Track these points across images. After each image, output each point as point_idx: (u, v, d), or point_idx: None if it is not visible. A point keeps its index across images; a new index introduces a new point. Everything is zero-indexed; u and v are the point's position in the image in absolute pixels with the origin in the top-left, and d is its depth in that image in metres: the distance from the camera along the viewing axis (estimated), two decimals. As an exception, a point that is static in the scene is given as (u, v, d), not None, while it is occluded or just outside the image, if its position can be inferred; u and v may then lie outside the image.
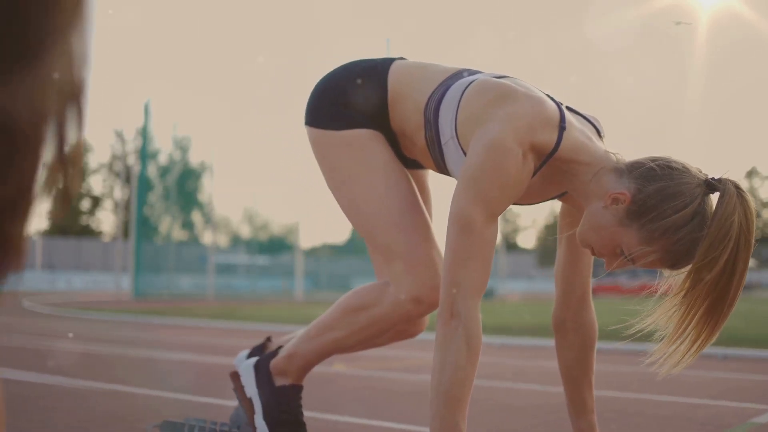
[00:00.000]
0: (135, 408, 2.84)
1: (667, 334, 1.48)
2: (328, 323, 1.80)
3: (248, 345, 5.29)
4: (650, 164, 1.47)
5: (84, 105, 0.51)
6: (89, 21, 0.48)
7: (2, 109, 0.46)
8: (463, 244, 1.46)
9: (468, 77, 1.61)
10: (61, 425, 2.43)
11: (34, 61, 0.43)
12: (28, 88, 0.45)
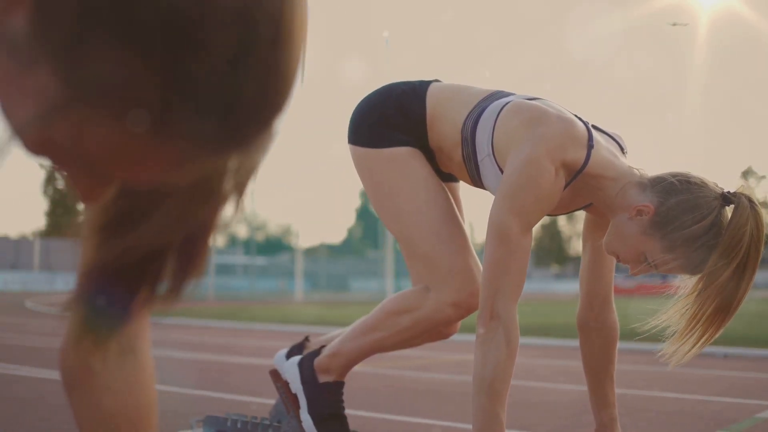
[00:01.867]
0: (165, 405, 2.98)
1: (678, 330, 1.64)
2: (371, 324, 1.95)
3: (258, 345, 5.38)
4: (671, 179, 1.63)
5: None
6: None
7: (221, 170, 0.60)
8: (502, 253, 1.61)
9: (502, 99, 1.76)
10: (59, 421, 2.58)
11: (267, 130, 0.57)
12: (249, 153, 0.59)
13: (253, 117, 0.54)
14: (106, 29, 0.50)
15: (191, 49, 0.50)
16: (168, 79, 0.51)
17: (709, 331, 1.62)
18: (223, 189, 0.61)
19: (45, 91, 0.53)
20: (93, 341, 0.76)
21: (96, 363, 0.85)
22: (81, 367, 0.86)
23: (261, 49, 0.52)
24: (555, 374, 4.30)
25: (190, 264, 0.67)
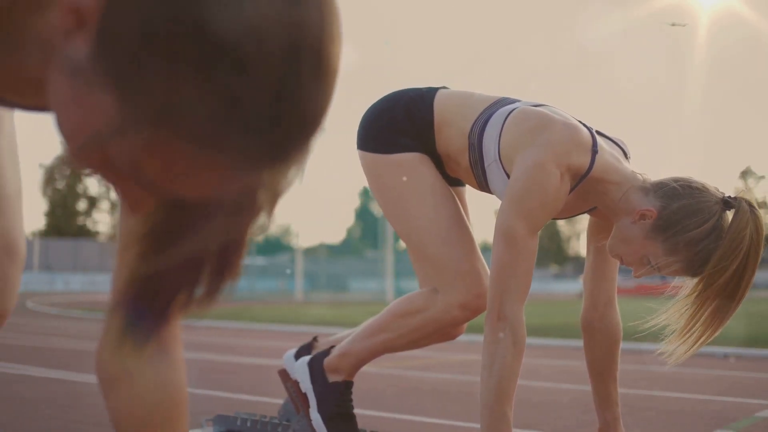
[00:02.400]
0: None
1: (677, 329, 1.69)
2: (380, 325, 1.99)
3: (261, 344, 5.42)
4: (673, 184, 1.67)
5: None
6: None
7: (253, 186, 0.65)
8: (509, 255, 1.65)
9: (509, 106, 1.80)
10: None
11: (306, 147, 0.61)
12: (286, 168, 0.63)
13: (294, 136, 0.59)
14: (164, 56, 0.55)
15: (242, 76, 0.55)
16: (220, 102, 0.55)
17: (708, 332, 1.67)
18: (259, 201, 0.66)
19: (105, 112, 0.58)
20: (133, 344, 0.80)
21: (131, 364, 0.90)
22: (117, 369, 0.90)
23: (303, 76, 0.57)
24: (556, 374, 4.35)
25: (226, 269, 0.72)
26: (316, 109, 0.59)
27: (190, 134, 0.57)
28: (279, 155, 0.59)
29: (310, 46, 0.58)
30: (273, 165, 0.60)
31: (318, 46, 0.58)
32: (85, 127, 0.59)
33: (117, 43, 0.57)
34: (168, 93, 0.56)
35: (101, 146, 0.59)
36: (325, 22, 0.59)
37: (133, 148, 0.58)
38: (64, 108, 0.61)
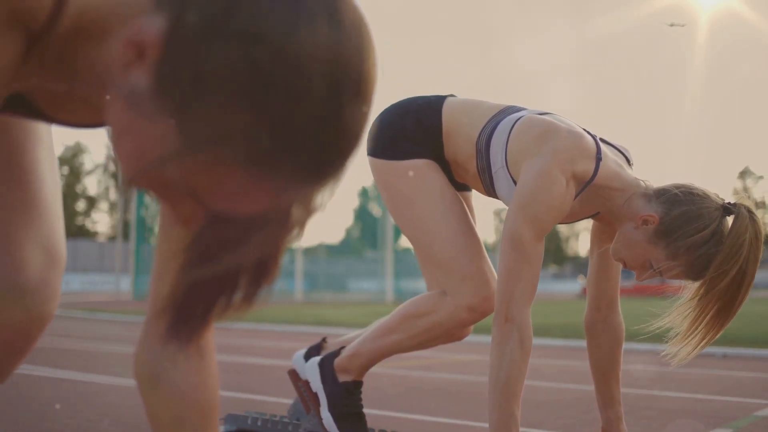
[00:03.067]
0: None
1: (681, 332, 1.76)
2: (390, 327, 2.05)
3: (264, 345, 5.48)
4: (675, 190, 1.73)
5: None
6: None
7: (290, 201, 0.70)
8: (516, 259, 1.71)
9: (515, 114, 1.86)
10: (121, 420, 2.68)
11: (345, 166, 0.67)
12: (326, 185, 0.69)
13: (337, 156, 0.65)
14: (220, 87, 0.61)
15: (291, 103, 0.61)
16: (271, 128, 0.61)
17: (710, 333, 1.74)
18: (297, 214, 0.72)
19: (165, 139, 0.64)
20: (177, 346, 0.86)
21: (168, 365, 0.95)
22: (156, 370, 0.96)
23: (345, 101, 0.63)
24: (557, 374, 4.41)
25: (263, 276, 0.78)
26: (356, 130, 0.65)
27: (243, 157, 0.63)
28: (323, 174, 0.65)
29: (350, 73, 0.64)
30: (317, 182, 0.66)
31: (357, 73, 0.64)
32: (146, 153, 0.65)
33: (176, 75, 0.63)
34: (223, 120, 0.62)
35: (160, 170, 0.65)
36: (363, 51, 0.65)
37: (189, 170, 0.64)
38: (125, 135, 0.67)
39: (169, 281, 0.87)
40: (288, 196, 0.66)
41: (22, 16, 0.68)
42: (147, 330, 0.96)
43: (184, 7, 0.63)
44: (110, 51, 0.71)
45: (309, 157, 0.63)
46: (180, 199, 0.69)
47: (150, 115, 0.64)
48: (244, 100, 0.61)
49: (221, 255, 0.73)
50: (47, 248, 1.08)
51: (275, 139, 0.62)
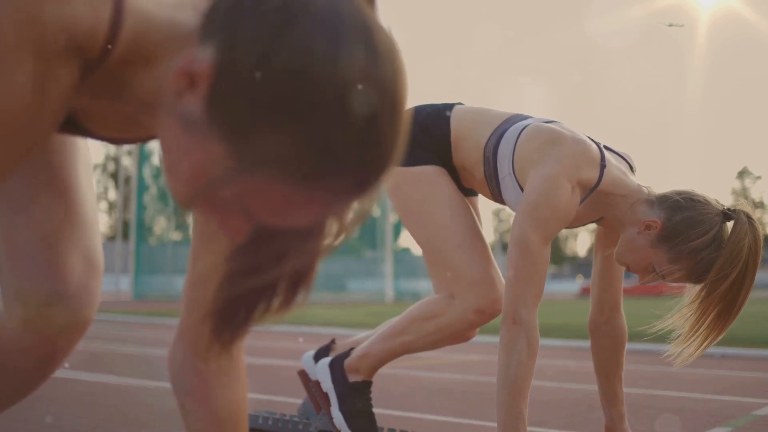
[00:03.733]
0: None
1: (682, 334, 1.82)
2: (400, 328, 2.11)
3: (267, 345, 5.55)
4: (676, 197, 1.80)
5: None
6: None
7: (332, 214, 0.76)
8: (524, 263, 1.77)
9: (522, 122, 1.92)
10: (120, 422, 2.73)
11: (383, 179, 0.73)
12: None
13: (375, 173, 0.71)
14: (269, 112, 0.67)
15: (334, 126, 0.67)
16: (316, 149, 0.67)
17: (712, 335, 1.80)
18: (336, 226, 0.78)
19: (218, 161, 0.70)
20: (219, 349, 0.92)
21: (201, 366, 1.01)
22: (188, 371, 1.02)
23: (382, 122, 0.69)
24: (559, 374, 4.46)
25: (301, 283, 0.84)
26: (392, 148, 0.72)
27: (291, 176, 0.69)
28: (362, 189, 0.71)
29: (386, 96, 0.70)
30: (357, 196, 0.72)
31: (393, 96, 0.70)
32: (202, 175, 0.71)
33: (227, 102, 0.69)
34: (272, 143, 0.68)
35: (213, 190, 0.71)
36: (396, 75, 0.71)
37: (241, 189, 0.70)
38: (179, 159, 0.73)
39: (205, 290, 0.93)
40: (330, 209, 0.72)
41: (79, 48, 0.73)
42: (181, 333, 1.02)
43: (233, 40, 0.69)
44: (158, 78, 0.77)
45: (350, 174, 0.69)
46: (229, 215, 0.75)
47: (203, 139, 0.70)
48: (290, 123, 0.67)
49: (265, 265, 0.79)
50: (87, 257, 1.14)
51: (320, 158, 0.68)
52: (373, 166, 0.71)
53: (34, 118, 0.73)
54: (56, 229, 1.11)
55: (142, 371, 4.30)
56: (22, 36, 0.70)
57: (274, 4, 0.69)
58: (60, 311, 1.11)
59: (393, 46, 0.73)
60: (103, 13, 0.73)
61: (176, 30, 0.77)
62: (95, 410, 2.90)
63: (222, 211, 0.74)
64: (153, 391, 3.47)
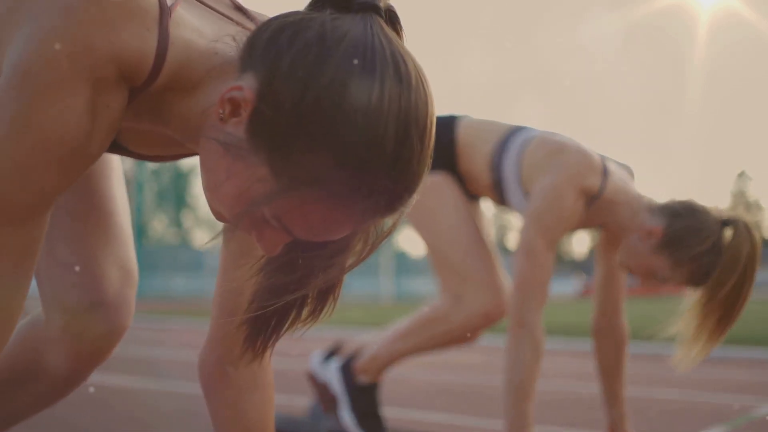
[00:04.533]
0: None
1: (686, 338, 1.88)
2: (408, 331, 2.17)
3: (279, 346, 5.57)
4: (677, 206, 1.87)
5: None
6: None
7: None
8: (529, 268, 1.84)
9: (527, 133, 1.99)
10: (121, 423, 2.79)
11: (412, 197, 0.79)
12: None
13: (406, 192, 0.77)
14: (308, 137, 0.73)
15: (369, 149, 0.73)
16: (352, 170, 0.73)
17: (714, 338, 1.86)
18: (365, 241, 0.84)
19: (260, 182, 0.76)
20: (251, 356, 0.98)
21: (231, 371, 1.07)
22: (218, 373, 1.07)
23: (413, 144, 0.75)
24: (561, 374, 4.52)
25: (329, 294, 0.90)
26: (421, 170, 0.78)
27: (328, 196, 0.74)
28: (392, 208, 0.77)
29: (415, 122, 0.76)
30: (387, 214, 0.78)
31: (422, 121, 0.76)
32: (245, 194, 0.77)
33: (268, 127, 0.75)
34: (310, 165, 0.74)
35: (255, 209, 0.77)
36: (424, 101, 0.77)
37: (281, 207, 0.76)
38: (222, 179, 0.79)
39: (236, 300, 0.99)
40: (361, 226, 0.78)
41: (127, 77, 0.79)
42: (211, 340, 1.08)
43: (274, 70, 0.75)
44: (199, 103, 0.83)
45: (382, 194, 0.75)
46: (267, 231, 0.81)
47: (246, 161, 0.76)
48: (328, 147, 0.73)
49: (296, 278, 0.85)
50: (123, 267, 1.20)
51: (355, 179, 0.74)
52: (403, 187, 0.77)
53: (87, 142, 0.79)
54: (94, 240, 1.17)
55: (143, 372, 4.34)
56: (77, 66, 0.75)
57: (311, 37, 0.75)
58: (98, 319, 1.17)
59: (421, 73, 0.79)
60: (150, 44, 0.79)
61: (216, 59, 0.83)
62: (97, 411, 2.95)
63: (260, 227, 0.80)
64: (154, 393, 3.52)
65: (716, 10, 49.20)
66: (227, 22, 0.90)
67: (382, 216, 0.78)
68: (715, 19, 55.27)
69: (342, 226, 0.78)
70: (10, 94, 0.75)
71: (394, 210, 0.78)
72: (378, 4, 0.80)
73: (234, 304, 1.02)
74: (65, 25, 0.75)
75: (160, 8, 0.80)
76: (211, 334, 1.07)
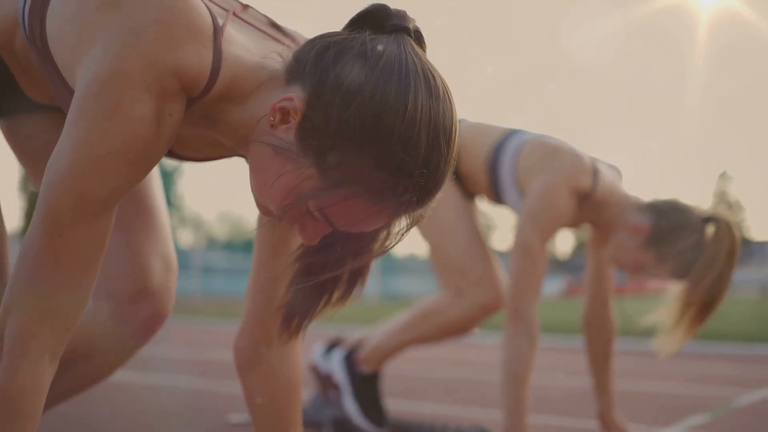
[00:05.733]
0: (202, 401, 3.29)
1: (669, 326, 2.02)
2: (409, 323, 2.29)
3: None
4: (662, 204, 2.00)
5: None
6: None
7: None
8: (525, 263, 1.96)
9: (523, 136, 2.12)
10: (116, 419, 2.88)
11: (438, 194, 0.91)
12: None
13: (434, 189, 0.89)
14: (351, 141, 0.85)
15: (405, 152, 0.85)
16: (390, 170, 0.85)
17: (694, 327, 2.00)
18: (392, 233, 0.96)
19: (308, 180, 0.87)
20: (288, 336, 1.09)
21: (264, 352, 1.18)
22: (253, 354, 1.19)
23: (441, 148, 0.88)
24: (547, 370, 4.66)
25: (357, 280, 1.01)
26: (447, 171, 0.90)
27: (367, 193, 0.86)
28: (421, 204, 0.89)
29: (444, 129, 0.88)
30: (416, 210, 0.90)
31: (449, 128, 0.88)
32: (291, 192, 0.88)
33: (315, 133, 0.87)
34: (352, 166, 0.85)
35: (301, 204, 0.88)
36: (450, 111, 0.89)
37: (325, 203, 0.88)
38: (272, 178, 0.90)
39: (272, 289, 1.11)
40: (393, 219, 0.90)
41: (187, 88, 0.91)
42: (246, 325, 1.19)
43: (322, 83, 0.87)
44: (248, 111, 0.95)
45: (415, 191, 0.87)
46: (309, 223, 0.92)
47: (295, 162, 0.88)
48: (369, 151, 0.85)
49: (330, 264, 0.97)
50: (165, 259, 1.32)
51: (391, 179, 0.85)
52: (432, 186, 0.89)
53: (153, 145, 0.90)
54: (140, 234, 1.28)
55: (136, 367, 4.43)
56: (146, 79, 0.87)
57: (354, 55, 0.87)
58: (145, 306, 1.29)
59: (446, 87, 0.91)
60: (206, 60, 0.90)
61: (263, 73, 0.95)
62: (91, 407, 3.02)
63: (303, 220, 0.92)
64: (147, 389, 3.60)
65: (716, 10, 49.41)
66: (267, 38, 1.02)
67: (414, 210, 0.90)
68: (715, 19, 55.54)
69: (378, 219, 0.89)
70: (88, 104, 0.87)
71: (424, 204, 0.90)
72: (408, 26, 0.92)
73: (270, 291, 1.14)
74: (136, 44, 0.86)
75: (214, 28, 0.91)
76: (245, 320, 1.19)
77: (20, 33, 1.04)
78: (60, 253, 0.89)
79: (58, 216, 0.88)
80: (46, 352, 0.90)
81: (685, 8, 58.08)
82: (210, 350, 5.89)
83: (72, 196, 0.88)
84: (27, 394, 0.88)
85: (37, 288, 0.88)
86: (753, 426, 2.76)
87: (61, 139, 0.88)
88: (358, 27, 0.93)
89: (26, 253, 0.89)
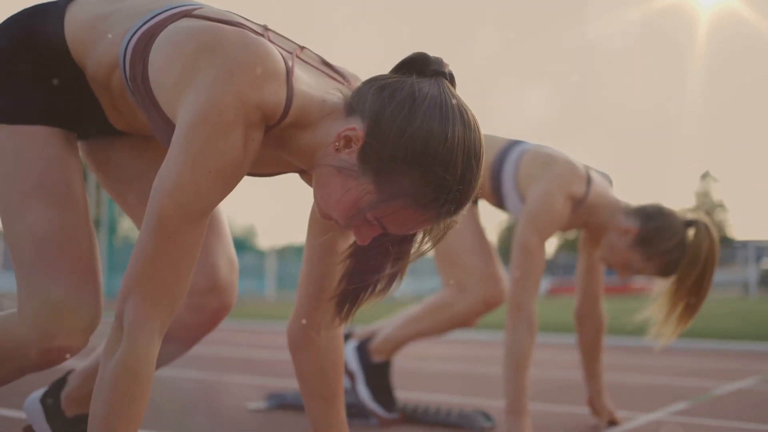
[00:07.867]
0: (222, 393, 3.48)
1: (658, 322, 2.25)
2: (417, 317, 2.51)
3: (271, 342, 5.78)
4: (649, 208, 2.23)
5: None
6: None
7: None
8: (525, 262, 2.18)
9: (522, 146, 2.34)
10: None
11: (468, 205, 1.13)
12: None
13: (465, 202, 1.11)
14: (404, 163, 1.07)
15: (447, 172, 1.07)
16: (434, 187, 1.07)
17: (684, 321, 2.23)
18: (429, 235, 1.17)
19: (368, 194, 1.09)
20: (339, 321, 1.30)
21: (313, 335, 1.40)
22: (305, 339, 1.40)
23: (473, 168, 1.10)
24: (536, 364, 4.88)
25: (397, 275, 1.23)
26: (477, 184, 1.12)
27: (415, 204, 1.08)
28: (458, 212, 1.11)
29: (475, 153, 1.10)
30: (455, 216, 1.12)
31: (478, 152, 1.10)
32: (354, 205, 1.10)
33: (374, 156, 1.08)
34: (405, 182, 1.07)
35: (362, 214, 1.10)
36: (480, 139, 1.11)
37: (381, 213, 1.09)
38: (337, 194, 1.11)
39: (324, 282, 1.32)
40: (433, 225, 1.12)
41: (266, 119, 1.12)
42: (298, 312, 1.40)
43: (379, 116, 1.08)
44: (313, 137, 1.16)
45: (452, 202, 1.09)
46: (364, 227, 1.14)
47: (356, 180, 1.09)
48: (417, 170, 1.06)
49: (376, 262, 1.19)
50: (230, 258, 1.54)
51: (435, 192, 1.07)
52: (466, 198, 1.11)
53: (241, 166, 1.12)
54: (209, 239, 1.50)
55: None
56: (237, 112, 1.08)
57: (405, 95, 1.09)
58: (214, 299, 1.51)
59: (476, 119, 1.13)
60: (282, 96, 1.12)
61: (326, 106, 1.16)
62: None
63: (359, 225, 1.13)
64: (173, 381, 3.79)
65: (716, 10, 49.54)
66: (323, 75, 1.24)
67: (451, 217, 1.12)
68: (715, 19, 55.73)
69: (423, 224, 1.11)
70: (190, 134, 1.08)
71: (459, 213, 1.12)
72: (445, 71, 1.14)
73: (320, 284, 1.35)
74: (229, 83, 1.08)
75: (286, 70, 1.13)
76: (297, 308, 1.40)
77: (118, 73, 1.25)
78: (168, 252, 1.10)
79: (167, 223, 1.09)
80: (156, 330, 1.11)
81: (685, 8, 58.42)
82: (220, 347, 6.07)
83: (177, 208, 1.09)
84: (142, 363, 1.10)
85: (150, 280, 1.09)
86: (730, 412, 3.00)
87: (167, 160, 1.10)
88: (405, 71, 1.14)
89: (140, 252, 1.10)
